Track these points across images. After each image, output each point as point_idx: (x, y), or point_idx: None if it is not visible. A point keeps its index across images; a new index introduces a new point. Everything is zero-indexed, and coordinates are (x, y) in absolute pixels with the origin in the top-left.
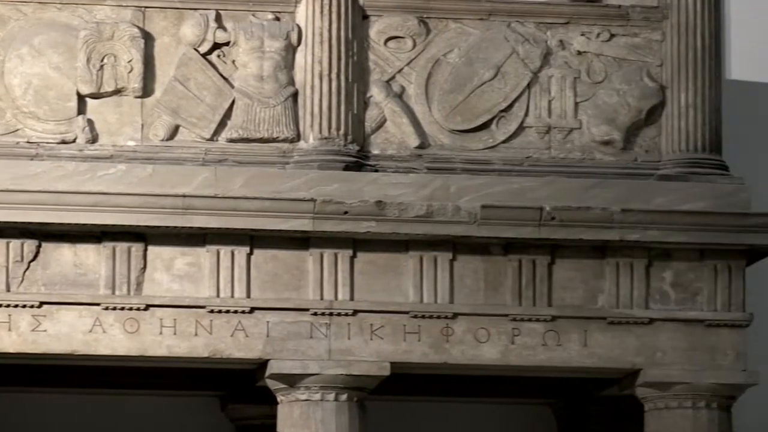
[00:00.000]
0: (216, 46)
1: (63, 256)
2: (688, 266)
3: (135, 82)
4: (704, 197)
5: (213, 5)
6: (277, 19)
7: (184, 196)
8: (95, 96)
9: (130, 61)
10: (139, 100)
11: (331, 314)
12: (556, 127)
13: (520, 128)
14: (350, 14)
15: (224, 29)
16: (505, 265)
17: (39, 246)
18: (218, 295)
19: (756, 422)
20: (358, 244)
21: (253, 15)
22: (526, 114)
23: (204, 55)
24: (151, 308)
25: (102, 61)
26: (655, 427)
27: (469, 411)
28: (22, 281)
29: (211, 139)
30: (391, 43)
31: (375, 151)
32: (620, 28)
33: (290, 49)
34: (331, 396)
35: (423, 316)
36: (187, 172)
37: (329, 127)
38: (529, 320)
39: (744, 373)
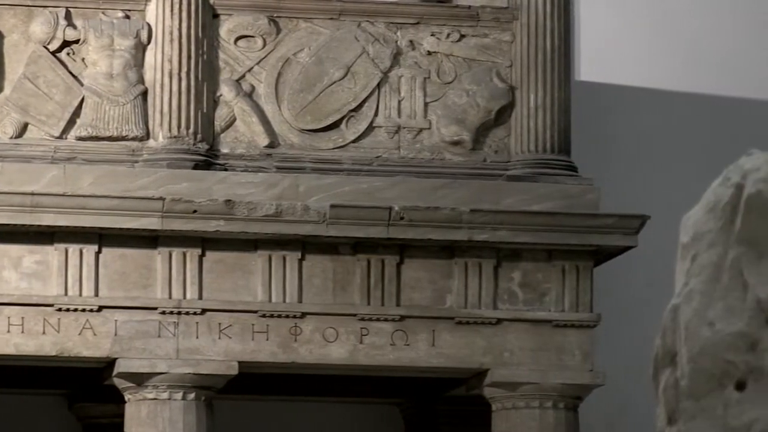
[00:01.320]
0: (66, 43)
1: None
2: (536, 267)
3: None
4: (553, 198)
5: (63, 3)
6: (128, 17)
7: (32, 194)
8: None
9: None
10: None
11: (179, 313)
12: (406, 127)
13: (370, 128)
14: (200, 13)
15: (74, 27)
16: (353, 264)
17: None
18: (66, 294)
19: (602, 422)
20: (206, 243)
21: (103, 13)
22: (376, 114)
23: (54, 53)
24: None
25: None
26: (503, 427)
27: (317, 411)
28: None
29: (60, 137)
30: (241, 42)
31: (224, 150)
32: (470, 28)
33: (140, 48)
34: (179, 395)
35: (271, 316)
36: (36, 170)
37: (178, 126)
38: (378, 320)
39: (591, 373)
